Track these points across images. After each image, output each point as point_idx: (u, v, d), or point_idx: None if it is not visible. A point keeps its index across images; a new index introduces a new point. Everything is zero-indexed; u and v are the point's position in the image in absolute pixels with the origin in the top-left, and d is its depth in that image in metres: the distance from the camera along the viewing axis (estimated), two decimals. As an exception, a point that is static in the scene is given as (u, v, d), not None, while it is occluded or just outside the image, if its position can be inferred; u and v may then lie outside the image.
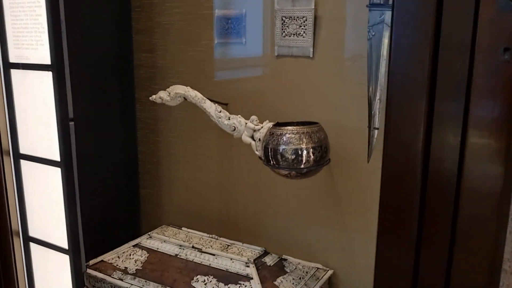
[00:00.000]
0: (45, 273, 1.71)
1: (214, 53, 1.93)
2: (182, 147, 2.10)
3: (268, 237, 1.91)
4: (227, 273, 1.63)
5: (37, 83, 1.51)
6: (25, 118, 1.58)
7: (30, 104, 1.55)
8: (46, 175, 1.59)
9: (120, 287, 1.70)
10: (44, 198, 1.62)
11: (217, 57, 1.94)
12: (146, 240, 1.84)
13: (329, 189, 1.77)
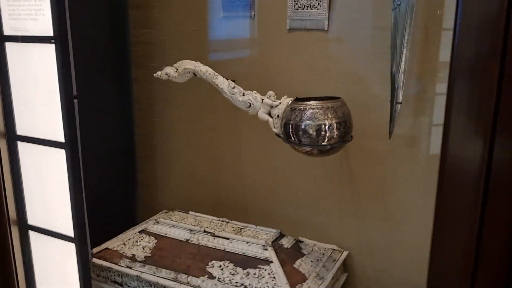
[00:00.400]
0: (47, 264, 1.59)
1: (220, 28, 1.83)
2: (183, 128, 2.00)
3: (280, 219, 1.84)
4: (244, 257, 1.56)
5: (37, 58, 1.38)
6: (23, 96, 1.45)
7: (29, 80, 1.42)
8: (48, 157, 1.46)
9: (128, 275, 1.60)
10: (45, 183, 1.50)
11: (222, 32, 1.84)
12: (152, 225, 1.75)
13: (344, 169, 1.71)
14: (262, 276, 1.48)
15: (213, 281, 1.50)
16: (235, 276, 1.50)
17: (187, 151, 2.02)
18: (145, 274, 1.57)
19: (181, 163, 2.04)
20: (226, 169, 1.93)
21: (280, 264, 1.50)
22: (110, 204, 2.10)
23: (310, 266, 1.58)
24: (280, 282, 1.45)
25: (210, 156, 1.96)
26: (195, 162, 2.01)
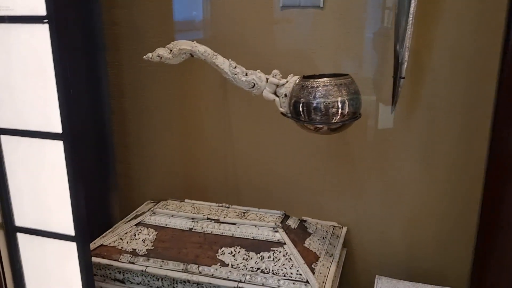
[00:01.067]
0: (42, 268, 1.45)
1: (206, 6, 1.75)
2: (165, 113, 1.90)
3: (276, 200, 1.83)
4: (254, 241, 1.52)
5: (25, 40, 1.23)
6: (8, 84, 1.29)
7: (15, 66, 1.27)
8: (40, 151, 1.33)
9: (131, 271, 1.51)
10: (37, 179, 1.36)
11: (208, 10, 1.76)
12: (149, 216, 1.65)
13: (342, 145, 1.72)
14: (278, 259, 1.46)
15: (226, 269, 1.45)
16: (249, 261, 1.46)
17: (170, 136, 1.92)
18: (151, 268, 1.49)
19: (164, 149, 1.95)
20: (215, 152, 1.87)
21: (293, 245, 1.49)
22: (88, 197, 1.96)
23: (318, 244, 1.57)
24: (298, 262, 1.44)
25: (197, 140, 1.89)
26: (180, 147, 1.93)
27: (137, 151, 1.99)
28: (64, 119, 1.28)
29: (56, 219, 1.38)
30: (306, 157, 1.76)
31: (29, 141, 1.34)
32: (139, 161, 2.00)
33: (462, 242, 1.68)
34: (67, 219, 1.37)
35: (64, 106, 1.27)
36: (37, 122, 1.31)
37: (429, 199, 1.68)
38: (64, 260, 1.41)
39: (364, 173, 1.73)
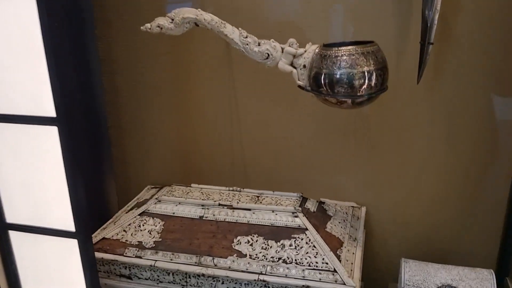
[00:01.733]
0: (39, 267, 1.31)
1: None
2: (163, 91, 1.74)
3: (290, 181, 1.70)
4: (273, 228, 1.39)
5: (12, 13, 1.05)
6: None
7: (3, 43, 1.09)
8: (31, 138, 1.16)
9: (139, 266, 1.38)
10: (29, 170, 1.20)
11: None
12: (154, 205, 1.51)
13: (360, 120, 1.59)
14: (300, 247, 1.33)
15: (244, 260, 1.33)
16: (269, 250, 1.34)
17: (169, 115, 1.76)
18: (161, 262, 1.35)
19: (163, 130, 1.79)
20: (220, 131, 1.72)
21: (315, 231, 1.37)
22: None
23: (340, 228, 1.46)
24: (322, 250, 1.32)
25: (199, 119, 1.73)
26: (181, 127, 1.77)
27: (133, 133, 1.83)
28: (58, 101, 1.12)
29: (53, 214, 1.23)
30: (321, 134, 1.63)
31: (19, 127, 1.18)
32: (136, 143, 1.84)
33: (489, 221, 1.58)
34: (66, 214, 1.22)
35: (57, 87, 1.10)
36: (27, 106, 1.15)
37: (453, 177, 1.57)
38: (65, 258, 1.27)
39: (383, 150, 1.61)
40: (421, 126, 1.54)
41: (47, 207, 1.23)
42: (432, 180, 1.60)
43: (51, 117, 1.13)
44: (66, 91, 1.11)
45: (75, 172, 1.18)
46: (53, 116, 1.13)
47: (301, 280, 1.27)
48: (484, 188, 1.56)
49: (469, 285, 1.39)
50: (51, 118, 1.13)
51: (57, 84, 1.09)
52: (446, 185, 1.60)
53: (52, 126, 1.14)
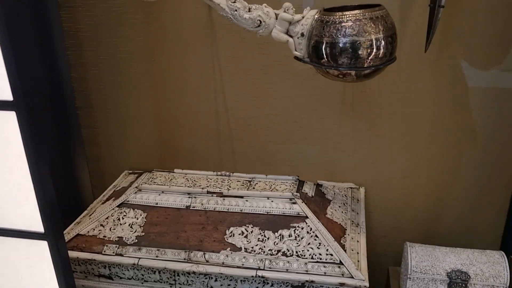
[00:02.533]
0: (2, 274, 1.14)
1: None
2: (140, 64, 1.55)
3: (282, 163, 1.55)
4: (269, 216, 1.25)
5: None
6: None
7: None
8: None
9: (120, 265, 1.22)
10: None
11: None
12: (134, 195, 1.34)
13: (358, 93, 1.45)
14: (301, 237, 1.20)
15: (239, 254, 1.19)
16: (266, 242, 1.20)
17: (146, 93, 1.58)
18: (145, 259, 1.20)
19: (139, 108, 1.60)
20: (203, 109, 1.55)
21: (316, 218, 1.23)
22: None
23: (341, 213, 1.33)
24: (326, 239, 1.19)
25: (180, 96, 1.55)
26: (159, 105, 1.59)
27: (105, 113, 1.64)
28: (15, 82, 0.93)
29: (16, 213, 1.06)
30: (315, 110, 1.48)
31: None
32: (109, 124, 1.65)
33: (493, 202, 1.49)
34: (32, 212, 1.05)
35: (12, 65, 0.92)
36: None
37: (457, 154, 1.46)
38: (34, 262, 1.10)
39: (382, 126, 1.47)
40: (426, 99, 1.41)
41: (8, 205, 1.05)
42: (435, 158, 1.48)
43: (8, 100, 0.95)
44: (24, 69, 0.93)
45: (40, 163, 1.00)
46: (10, 100, 0.94)
47: (304, 274, 1.14)
48: (490, 165, 1.46)
49: (480, 269, 1.30)
50: (7, 102, 0.95)
51: (12, 61, 0.91)
52: (450, 163, 1.49)
53: (9, 111, 0.96)
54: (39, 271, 1.10)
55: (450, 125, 1.43)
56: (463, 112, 1.41)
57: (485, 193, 1.49)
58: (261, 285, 1.17)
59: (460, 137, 1.44)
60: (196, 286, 1.21)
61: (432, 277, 1.31)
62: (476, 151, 1.45)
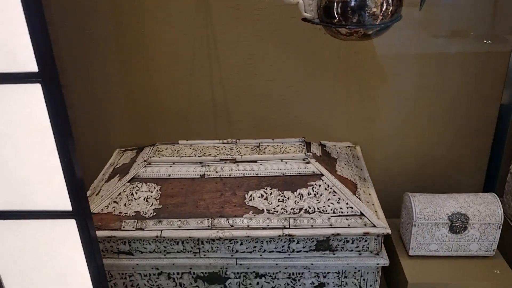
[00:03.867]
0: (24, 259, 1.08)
1: None
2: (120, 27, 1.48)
3: (279, 127, 1.58)
4: (286, 178, 1.28)
5: None
6: None
7: None
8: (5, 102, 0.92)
9: (141, 239, 1.20)
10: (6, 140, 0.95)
11: None
12: (144, 169, 1.31)
13: (352, 55, 1.49)
14: (320, 194, 1.24)
15: (263, 216, 1.21)
16: (287, 202, 1.23)
17: (130, 62, 1.52)
18: (168, 231, 1.19)
19: (123, 81, 1.55)
20: (197, 77, 1.53)
21: (332, 175, 1.27)
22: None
23: (348, 170, 1.38)
24: (344, 194, 1.23)
25: (169, 63, 1.52)
26: (146, 75, 1.54)
27: (83, 88, 1.56)
28: (40, 50, 0.88)
29: (42, 192, 1.01)
30: (310, 74, 1.51)
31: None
32: (92, 101, 1.58)
33: (476, 152, 1.62)
34: (58, 190, 1.00)
35: (37, 32, 0.86)
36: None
37: (444, 113, 1.55)
38: (61, 243, 1.05)
39: (375, 86, 1.53)
40: (418, 59, 1.48)
41: (33, 185, 1.00)
42: (424, 116, 1.57)
43: (32, 72, 0.89)
44: (47, 38, 0.88)
45: (67, 137, 0.96)
46: (35, 71, 0.89)
47: (328, 228, 1.18)
48: (474, 117, 1.57)
49: (477, 210, 1.40)
50: (32, 74, 0.89)
51: (38, 28, 0.86)
52: (438, 121, 1.58)
53: (34, 84, 0.90)
54: (67, 251, 1.05)
55: (437, 90, 1.52)
56: (450, 74, 1.50)
57: (468, 144, 1.60)
58: (287, 243, 1.20)
59: (446, 96, 1.53)
60: (221, 252, 1.22)
61: (435, 222, 1.40)
62: (459, 108, 1.55)
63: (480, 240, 1.42)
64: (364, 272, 1.24)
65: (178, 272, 1.26)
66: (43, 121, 0.92)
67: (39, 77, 0.88)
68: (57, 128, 0.93)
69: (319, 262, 1.21)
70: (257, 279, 1.26)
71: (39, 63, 0.87)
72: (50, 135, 0.94)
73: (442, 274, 1.40)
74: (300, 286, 1.26)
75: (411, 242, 1.44)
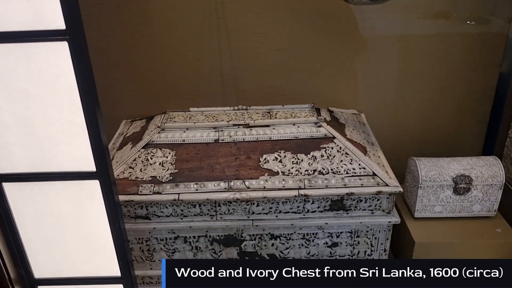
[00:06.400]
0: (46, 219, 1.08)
1: None
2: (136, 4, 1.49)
3: (284, 95, 1.60)
4: (298, 141, 1.30)
5: None
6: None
7: None
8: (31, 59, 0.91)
9: (159, 203, 1.22)
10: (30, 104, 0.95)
11: None
12: (158, 134, 1.32)
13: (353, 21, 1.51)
14: (333, 156, 1.27)
15: (278, 177, 1.23)
16: (301, 164, 1.26)
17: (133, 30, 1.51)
18: (185, 194, 1.21)
19: (128, 50, 1.54)
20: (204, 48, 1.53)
21: (344, 138, 1.31)
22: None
23: (356, 134, 1.41)
24: (356, 155, 1.27)
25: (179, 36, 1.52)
26: (151, 43, 1.53)
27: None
28: (68, 7, 0.88)
29: (66, 153, 1.01)
30: (318, 43, 1.53)
31: (19, 47, 0.93)
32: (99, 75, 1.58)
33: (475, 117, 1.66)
34: (83, 151, 1.01)
35: (65, -12, 0.87)
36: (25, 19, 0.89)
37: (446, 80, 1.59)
38: (85, 204, 1.07)
39: (379, 54, 1.56)
40: (419, 20, 1.51)
41: (58, 146, 1.00)
42: (426, 83, 1.60)
43: (60, 29, 0.89)
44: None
45: (93, 97, 0.96)
46: (62, 29, 0.89)
47: (343, 188, 1.21)
48: (475, 82, 1.61)
49: (480, 172, 1.45)
50: (59, 32, 0.90)
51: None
52: (439, 87, 1.62)
53: (61, 42, 0.90)
54: (91, 214, 1.07)
55: (441, 51, 1.55)
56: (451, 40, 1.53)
57: (468, 111, 1.65)
58: (302, 204, 1.23)
59: (448, 62, 1.57)
60: (237, 214, 1.24)
61: (440, 184, 1.45)
62: (461, 76, 1.59)
63: (482, 201, 1.48)
64: (376, 230, 1.28)
65: (194, 236, 1.28)
66: (69, 79, 0.93)
67: (67, 34, 0.89)
68: (83, 87, 0.94)
69: (333, 221, 1.25)
70: (272, 240, 1.29)
71: (66, 20, 0.88)
72: (76, 94, 0.95)
73: (447, 234, 1.46)
74: (314, 246, 1.30)
75: (417, 205, 1.48)
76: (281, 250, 1.30)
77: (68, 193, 1.04)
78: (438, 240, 1.45)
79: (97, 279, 1.16)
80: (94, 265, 1.15)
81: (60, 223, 1.08)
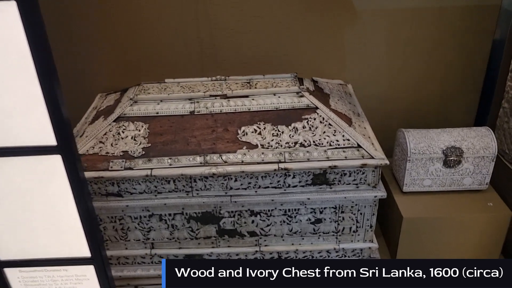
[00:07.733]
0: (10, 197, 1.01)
1: None
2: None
3: (268, 65, 1.52)
4: (279, 112, 1.23)
5: None
6: None
7: None
8: None
9: (131, 179, 1.15)
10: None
11: None
12: (130, 107, 1.24)
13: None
14: (315, 127, 1.20)
15: (257, 151, 1.16)
16: (282, 136, 1.19)
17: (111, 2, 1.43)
18: (158, 169, 1.14)
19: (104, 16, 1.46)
20: (180, 18, 1.45)
21: (327, 108, 1.23)
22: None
23: (342, 105, 1.34)
24: (340, 126, 1.20)
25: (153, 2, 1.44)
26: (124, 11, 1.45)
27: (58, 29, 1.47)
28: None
29: (23, 126, 0.94)
30: (299, 9, 1.44)
31: None
32: (66, 44, 1.49)
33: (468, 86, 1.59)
34: (41, 123, 0.93)
35: None
36: None
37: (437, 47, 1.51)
38: (46, 181, 0.99)
39: (365, 23, 1.48)
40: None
41: (13, 118, 0.93)
42: (417, 50, 1.53)
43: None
44: None
45: (50, 64, 0.88)
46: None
47: (325, 161, 1.15)
48: (467, 50, 1.53)
49: (471, 143, 1.39)
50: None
51: None
52: (430, 57, 1.54)
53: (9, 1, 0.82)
54: (54, 192, 0.99)
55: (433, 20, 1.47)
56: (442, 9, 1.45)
57: (459, 79, 1.57)
58: (283, 178, 1.17)
59: (440, 30, 1.49)
60: (215, 190, 1.18)
61: (429, 156, 1.38)
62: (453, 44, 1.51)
63: (473, 174, 1.41)
64: (361, 206, 1.22)
65: (170, 213, 1.22)
66: (20, 44, 0.84)
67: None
68: (37, 53, 0.85)
69: (315, 196, 1.18)
70: (252, 217, 1.23)
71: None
72: (30, 62, 0.86)
73: (437, 209, 1.40)
74: (296, 223, 1.24)
75: (405, 178, 1.42)
76: (262, 227, 1.24)
77: (28, 169, 0.97)
78: (428, 215, 1.39)
79: (66, 259, 1.10)
80: (63, 245, 1.08)
81: (22, 202, 1.01)
